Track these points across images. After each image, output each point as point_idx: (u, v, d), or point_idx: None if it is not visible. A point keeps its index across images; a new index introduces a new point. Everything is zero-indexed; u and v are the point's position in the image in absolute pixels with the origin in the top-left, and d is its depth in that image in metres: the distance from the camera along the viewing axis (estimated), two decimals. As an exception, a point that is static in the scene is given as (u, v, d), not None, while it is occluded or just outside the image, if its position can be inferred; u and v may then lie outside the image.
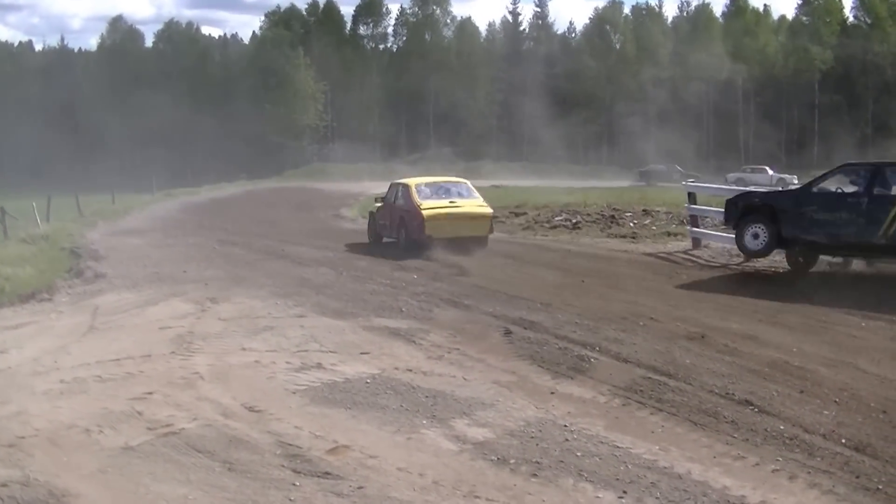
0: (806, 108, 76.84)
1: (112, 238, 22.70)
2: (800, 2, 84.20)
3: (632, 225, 22.99)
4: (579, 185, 48.13)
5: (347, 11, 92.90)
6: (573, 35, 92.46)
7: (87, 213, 31.79)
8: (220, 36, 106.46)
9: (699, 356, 8.87)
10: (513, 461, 6.31)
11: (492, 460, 6.34)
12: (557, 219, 25.12)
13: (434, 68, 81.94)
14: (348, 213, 31.62)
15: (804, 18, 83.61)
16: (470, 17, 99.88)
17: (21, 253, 18.92)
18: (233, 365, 8.85)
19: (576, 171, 67.43)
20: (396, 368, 8.64)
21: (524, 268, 15.63)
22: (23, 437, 6.84)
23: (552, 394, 7.86)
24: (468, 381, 8.23)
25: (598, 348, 9.20)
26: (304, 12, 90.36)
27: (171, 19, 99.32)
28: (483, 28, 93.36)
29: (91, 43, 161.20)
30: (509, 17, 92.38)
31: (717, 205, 19.89)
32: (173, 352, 9.41)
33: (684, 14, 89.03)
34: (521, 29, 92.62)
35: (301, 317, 11.15)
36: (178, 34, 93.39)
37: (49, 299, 13.51)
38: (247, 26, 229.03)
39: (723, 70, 78.50)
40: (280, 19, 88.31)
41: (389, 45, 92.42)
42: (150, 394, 7.88)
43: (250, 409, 7.47)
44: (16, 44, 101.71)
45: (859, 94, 74.97)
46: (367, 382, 8.15)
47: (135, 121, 76.55)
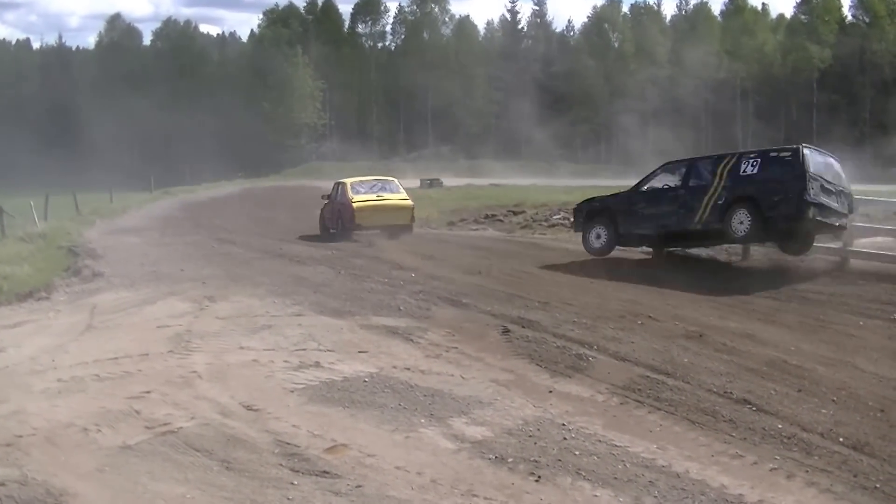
0: (804, 106, 76.88)
1: (110, 237, 22.68)
2: (798, 0, 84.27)
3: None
4: (577, 183, 48.13)
5: (346, 10, 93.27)
6: (571, 33, 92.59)
7: (85, 211, 31.77)
8: (218, 34, 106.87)
9: (697, 355, 8.87)
10: (511, 460, 6.31)
11: (490, 459, 6.34)
12: (556, 217, 25.13)
13: (432, 67, 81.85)
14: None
15: (802, 17, 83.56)
16: (468, 16, 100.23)
17: (19, 251, 18.91)
18: (231, 364, 8.84)
19: (574, 169, 67.38)
20: (394, 367, 8.63)
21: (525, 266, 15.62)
22: (20, 436, 6.83)
23: (550, 392, 7.86)
24: (466, 380, 8.23)
25: (596, 347, 9.20)
26: (303, 11, 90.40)
27: (169, 17, 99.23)
28: (481, 27, 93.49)
29: (89, 41, 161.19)
30: (508, 16, 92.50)
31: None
32: (171, 350, 9.40)
33: (683, 13, 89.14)
34: (520, 27, 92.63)
35: (299, 315, 11.13)
36: (175, 32, 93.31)
37: (47, 298, 13.49)
38: (245, 25, 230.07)
39: (721, 69, 78.52)
40: (278, 18, 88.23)
41: (388, 43, 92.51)
42: (148, 393, 7.87)
43: (248, 407, 7.46)
44: (13, 42, 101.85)
45: (857, 93, 74.98)
46: (366, 381, 8.14)
47: (133, 119, 76.49)
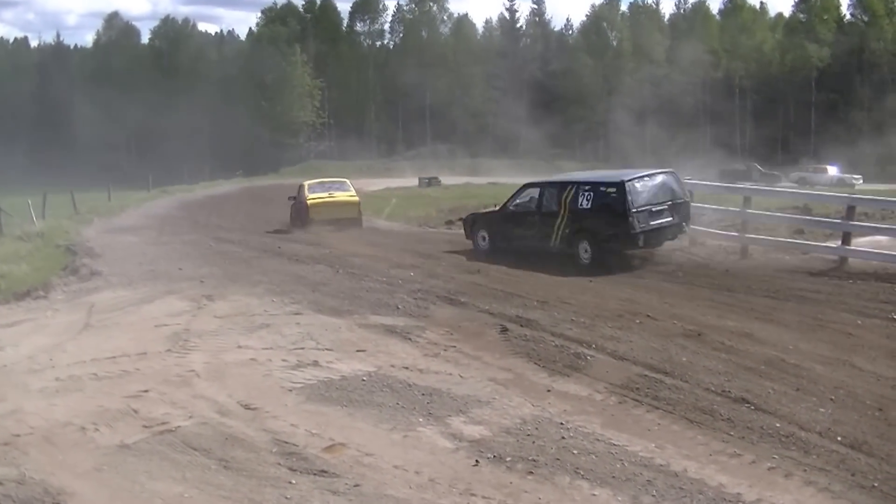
0: (802, 105, 76.86)
1: (108, 235, 22.66)
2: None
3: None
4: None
5: (344, 8, 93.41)
6: (570, 32, 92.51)
7: (83, 210, 31.73)
8: (216, 33, 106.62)
9: (695, 354, 8.87)
10: (509, 459, 6.31)
11: (488, 458, 6.34)
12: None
13: (430, 65, 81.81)
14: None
15: (801, 16, 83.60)
16: (466, 15, 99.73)
17: (16, 250, 18.90)
18: (229, 363, 8.84)
19: (572, 168, 67.32)
20: (392, 366, 8.64)
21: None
22: (18, 436, 6.84)
23: (548, 391, 7.86)
24: (464, 379, 8.23)
25: (594, 346, 9.20)
26: (301, 9, 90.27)
27: (167, 16, 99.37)
28: (479, 25, 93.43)
29: (87, 39, 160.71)
30: (506, 15, 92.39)
31: (714, 202, 19.93)
32: (169, 349, 9.40)
33: (681, 11, 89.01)
34: (518, 26, 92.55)
35: (297, 314, 11.13)
36: (173, 31, 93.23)
37: (44, 297, 13.48)
38: (243, 23, 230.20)
39: (719, 67, 78.54)
40: (276, 16, 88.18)
41: (386, 42, 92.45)
42: (146, 392, 7.87)
43: (246, 406, 7.47)
44: (11, 40, 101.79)
45: (856, 92, 74.99)
46: (364, 380, 8.14)
47: (130, 118, 76.44)
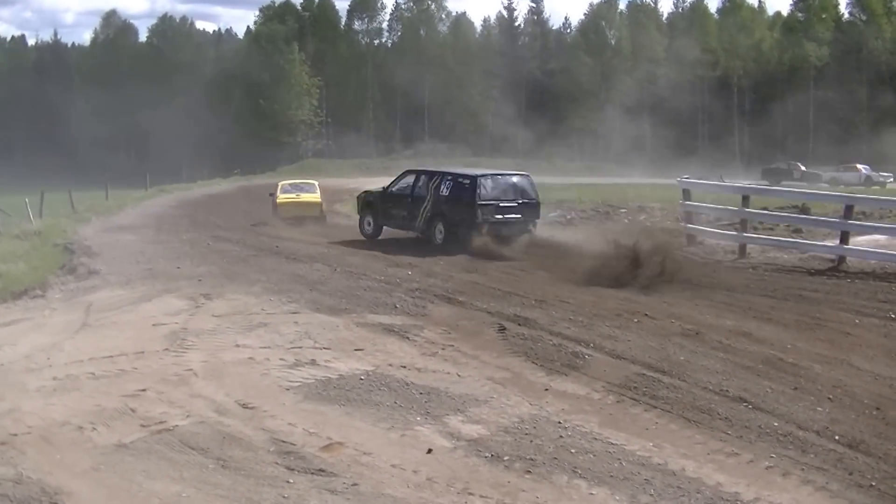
0: (800, 104, 76.83)
1: (105, 234, 22.62)
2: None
3: (626, 221, 23.00)
4: (574, 181, 48.10)
5: (342, 7, 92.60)
6: (568, 31, 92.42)
7: (81, 209, 31.66)
8: (214, 31, 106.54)
9: (693, 353, 8.88)
10: (507, 458, 6.31)
11: (486, 457, 6.34)
12: (552, 215, 25.11)
13: (429, 64, 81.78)
14: (342, 208, 31.52)
15: (799, 15, 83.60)
16: (465, 13, 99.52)
17: (14, 249, 18.85)
18: (226, 362, 8.83)
19: (571, 167, 67.35)
20: (390, 365, 8.63)
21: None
22: (15, 435, 6.82)
23: (546, 390, 7.86)
24: (462, 378, 8.23)
25: (592, 345, 9.20)
26: (299, 7, 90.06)
27: (165, 14, 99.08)
28: (478, 24, 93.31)
29: (84, 38, 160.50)
30: (504, 13, 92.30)
31: (712, 201, 19.97)
32: (167, 348, 9.39)
33: (679, 10, 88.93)
34: (517, 25, 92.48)
35: (295, 313, 11.12)
36: (171, 29, 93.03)
37: (42, 296, 13.46)
38: (241, 21, 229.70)
39: (717, 66, 78.50)
40: (274, 14, 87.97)
41: (384, 40, 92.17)
42: (144, 391, 7.86)
43: (244, 406, 7.46)
44: (9, 38, 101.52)
45: (854, 90, 74.98)
46: (361, 379, 8.14)
47: (128, 116, 76.36)
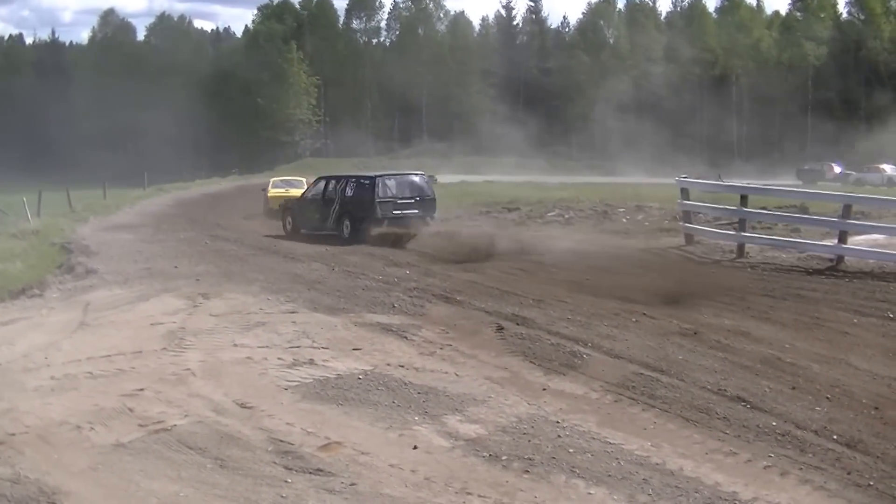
0: (799, 103, 76.92)
1: (103, 233, 22.62)
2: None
3: (624, 221, 23.01)
4: (572, 180, 48.16)
5: (340, 5, 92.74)
6: (566, 30, 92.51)
7: (79, 208, 31.67)
8: (212, 30, 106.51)
9: (692, 352, 8.87)
10: (505, 457, 6.30)
11: (484, 457, 6.34)
12: (550, 214, 25.17)
13: (427, 63, 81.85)
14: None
15: (797, 14, 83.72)
16: (463, 12, 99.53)
17: (11, 248, 18.82)
18: (224, 361, 8.82)
19: (569, 166, 67.45)
20: (388, 364, 8.62)
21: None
22: (13, 435, 6.81)
23: (544, 390, 7.86)
24: (460, 378, 8.22)
25: (590, 344, 9.19)
26: (297, 6, 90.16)
27: (163, 13, 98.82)
28: (476, 23, 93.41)
29: (82, 36, 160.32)
30: (502, 12, 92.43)
31: (710, 200, 19.97)
32: (165, 348, 9.37)
33: (678, 9, 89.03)
34: (515, 24, 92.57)
35: (293, 313, 11.11)
36: (169, 28, 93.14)
37: (40, 295, 13.43)
38: (239, 20, 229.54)
39: (716, 65, 78.56)
40: (273, 13, 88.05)
41: (382, 39, 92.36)
42: (142, 390, 7.84)
43: (242, 405, 7.45)
44: (6, 37, 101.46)
45: (852, 90, 75.07)
46: (359, 378, 8.13)
47: (126, 115, 76.34)
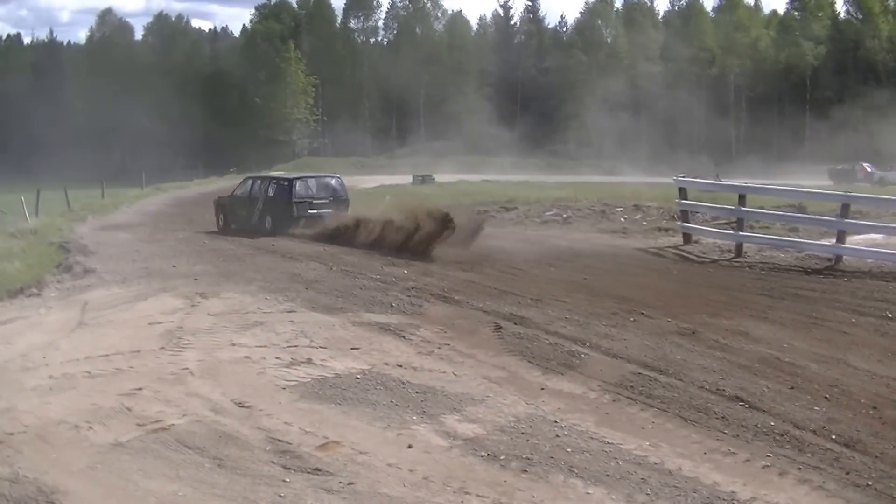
0: (797, 102, 76.95)
1: (101, 233, 22.62)
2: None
3: (622, 220, 23.01)
4: (570, 179, 48.15)
5: (338, 5, 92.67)
6: (564, 29, 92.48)
7: (77, 207, 31.63)
8: (210, 29, 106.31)
9: (690, 352, 8.88)
10: (503, 457, 6.30)
11: (482, 456, 6.34)
12: (548, 214, 25.15)
13: (425, 62, 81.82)
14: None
15: (795, 13, 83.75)
16: (461, 11, 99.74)
17: (9, 247, 18.80)
18: (222, 360, 8.82)
19: (568, 166, 67.38)
20: (386, 364, 8.62)
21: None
22: (11, 434, 6.81)
23: (542, 389, 7.86)
24: (458, 377, 8.22)
25: (588, 344, 9.20)
26: (295, 5, 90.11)
27: (161, 12, 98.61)
28: (474, 22, 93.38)
29: (80, 36, 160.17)
30: (500, 11, 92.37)
31: (708, 200, 19.97)
32: (163, 347, 9.37)
33: (675, 8, 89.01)
34: (512, 23, 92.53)
35: (291, 312, 11.11)
36: (167, 27, 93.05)
37: (38, 294, 13.43)
38: (237, 19, 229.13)
39: (714, 65, 78.58)
40: (270, 12, 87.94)
41: (380, 38, 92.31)
42: (140, 390, 7.84)
43: (240, 404, 7.45)
44: (4, 37, 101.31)
45: (851, 89, 75.12)
46: (358, 378, 8.13)
47: (124, 114, 76.24)
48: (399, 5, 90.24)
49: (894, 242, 15.52)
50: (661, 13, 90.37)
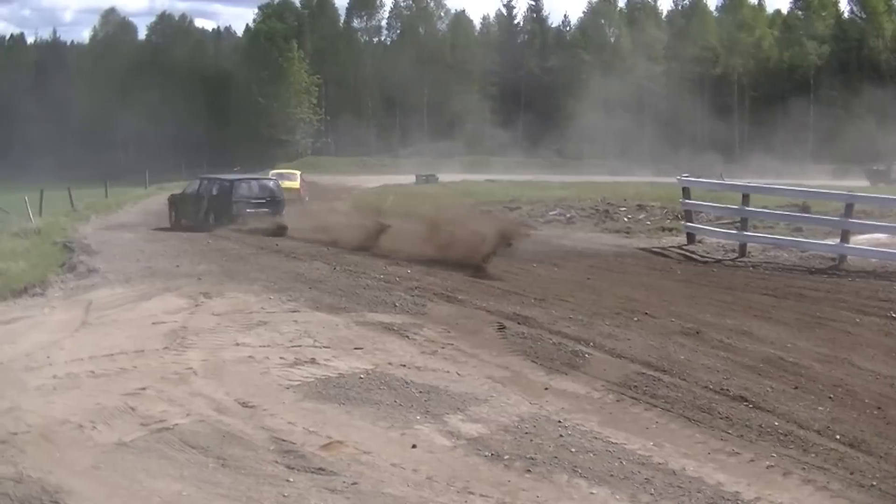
0: (801, 101, 76.87)
1: (105, 232, 22.67)
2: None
3: (626, 220, 22.99)
4: (573, 179, 48.12)
5: (341, 4, 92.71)
6: (567, 28, 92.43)
7: (80, 206, 31.69)
8: (213, 29, 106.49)
9: (694, 352, 8.87)
10: (507, 457, 6.29)
11: (486, 456, 6.33)
12: (552, 213, 25.12)
13: (428, 62, 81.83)
14: (342, 206, 31.48)
15: (799, 13, 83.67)
16: (464, 11, 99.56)
17: (13, 247, 18.84)
18: (226, 360, 8.82)
19: (569, 165, 67.40)
20: (390, 364, 8.62)
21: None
22: (15, 434, 6.81)
23: (546, 389, 7.85)
24: (462, 377, 8.21)
25: (592, 344, 9.19)
26: (298, 5, 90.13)
27: (164, 12, 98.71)
28: (477, 21, 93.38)
29: (83, 36, 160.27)
30: (503, 11, 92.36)
31: (712, 199, 19.94)
32: (166, 347, 9.37)
33: (679, 8, 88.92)
34: (516, 23, 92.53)
35: (294, 312, 11.12)
36: (171, 27, 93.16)
37: (42, 294, 13.45)
38: (240, 19, 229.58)
39: (717, 64, 78.50)
40: (273, 12, 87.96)
41: (383, 38, 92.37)
42: (144, 389, 7.84)
43: (244, 404, 7.44)
44: (7, 37, 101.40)
45: (854, 88, 74.99)
46: (361, 378, 8.12)
47: (127, 114, 76.32)
48: (402, 5, 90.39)
49: (898, 242, 15.49)
50: (665, 12, 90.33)
